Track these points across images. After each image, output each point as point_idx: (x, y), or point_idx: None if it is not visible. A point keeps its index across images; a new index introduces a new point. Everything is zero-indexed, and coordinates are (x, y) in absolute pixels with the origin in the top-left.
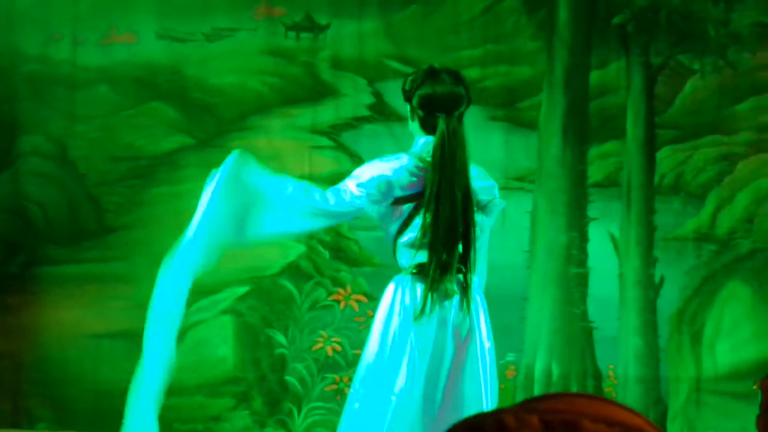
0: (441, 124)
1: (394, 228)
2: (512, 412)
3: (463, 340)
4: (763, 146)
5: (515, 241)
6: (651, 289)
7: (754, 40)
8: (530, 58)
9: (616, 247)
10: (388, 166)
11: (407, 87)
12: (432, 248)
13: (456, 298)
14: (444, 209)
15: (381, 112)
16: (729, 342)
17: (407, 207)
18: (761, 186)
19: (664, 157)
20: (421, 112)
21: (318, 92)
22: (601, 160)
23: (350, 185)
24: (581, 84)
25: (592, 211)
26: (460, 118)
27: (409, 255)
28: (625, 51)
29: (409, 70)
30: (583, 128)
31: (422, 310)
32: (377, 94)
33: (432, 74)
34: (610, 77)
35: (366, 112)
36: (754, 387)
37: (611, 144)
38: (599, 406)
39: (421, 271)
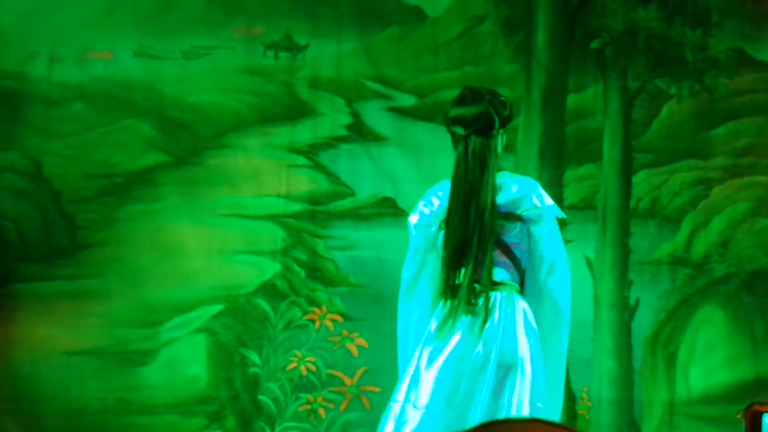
0: (460, 145)
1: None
2: None
3: (479, 364)
4: (739, 171)
5: None
6: (626, 311)
7: (731, 66)
8: (508, 80)
9: (591, 269)
10: (429, 193)
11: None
12: (442, 269)
13: (478, 320)
14: (453, 229)
15: (359, 132)
16: (702, 366)
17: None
18: (736, 211)
19: (641, 180)
20: (449, 133)
21: (296, 111)
22: (578, 182)
23: (411, 218)
24: (558, 107)
25: (567, 233)
26: (484, 137)
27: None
28: (603, 75)
29: (386, 90)
30: (560, 151)
31: (438, 328)
32: (355, 114)
33: (460, 95)
34: (587, 101)
35: (344, 132)
36: (738, 416)
37: (588, 167)
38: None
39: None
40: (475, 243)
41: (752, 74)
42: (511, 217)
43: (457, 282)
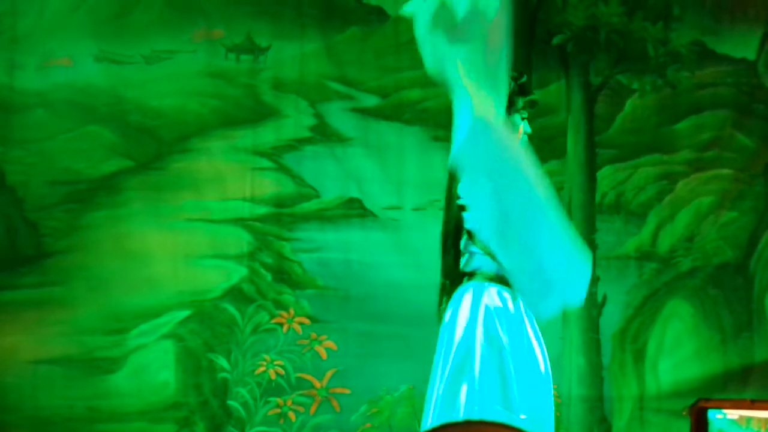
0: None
1: None
2: None
3: (439, 359)
4: (703, 165)
5: None
6: (593, 307)
7: (693, 59)
8: None
9: None
10: None
11: None
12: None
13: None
14: (443, 221)
15: (323, 133)
16: (671, 360)
17: None
18: (701, 204)
19: (605, 176)
20: None
21: (259, 114)
22: None
23: None
24: None
25: None
26: None
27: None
28: (565, 71)
29: (350, 91)
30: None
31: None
32: (319, 116)
33: None
34: (550, 97)
35: (307, 134)
36: (684, 413)
37: (552, 164)
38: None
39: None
40: (452, 233)
41: (714, 67)
42: None
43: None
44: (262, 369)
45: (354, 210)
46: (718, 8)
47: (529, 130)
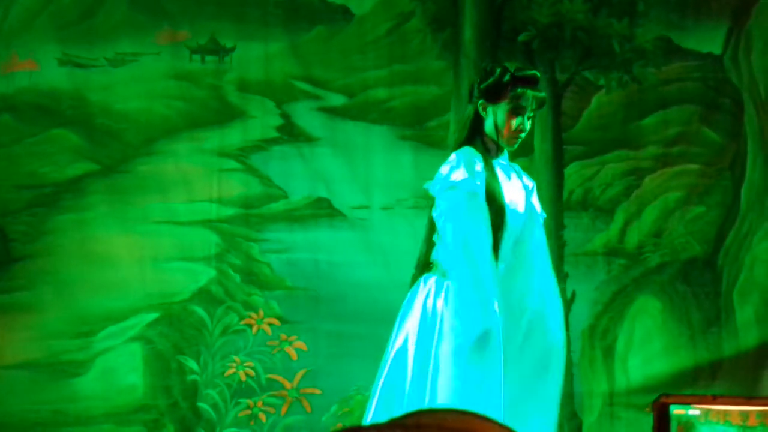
0: None
1: None
2: (378, 429)
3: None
4: (670, 160)
5: None
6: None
7: (659, 55)
8: (437, 77)
9: None
10: None
11: None
12: None
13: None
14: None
15: (290, 133)
16: (640, 356)
17: None
18: (668, 200)
19: (572, 172)
20: None
21: (225, 115)
22: None
23: None
24: None
25: None
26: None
27: None
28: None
29: (316, 91)
30: None
31: None
32: (285, 116)
33: None
34: None
35: (274, 134)
36: (646, 410)
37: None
38: (467, 422)
39: None
40: (429, 222)
41: (679, 63)
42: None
43: None
44: (231, 370)
45: (322, 210)
46: (683, 3)
47: (527, 128)
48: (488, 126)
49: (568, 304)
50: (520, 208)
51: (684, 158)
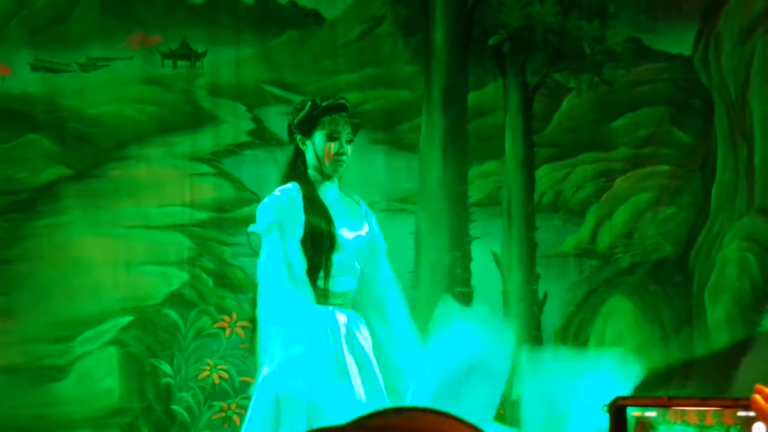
0: None
1: None
2: (343, 429)
3: None
4: (640, 162)
5: (399, 262)
6: (535, 305)
7: (629, 57)
8: (408, 81)
9: (498, 264)
10: None
11: None
12: None
13: None
14: None
15: (262, 137)
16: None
17: None
18: (639, 201)
19: (543, 174)
20: None
21: (197, 119)
22: (482, 179)
23: None
24: (459, 105)
25: (474, 230)
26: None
27: None
28: (502, 71)
29: (288, 95)
30: (463, 149)
31: None
32: (257, 120)
33: None
34: (487, 98)
35: (246, 138)
36: (604, 410)
37: (491, 163)
38: (438, 422)
39: None
40: None
41: (649, 64)
42: None
43: None
44: (205, 373)
45: None
46: (653, 5)
47: (348, 152)
48: (310, 157)
49: (540, 304)
50: (352, 230)
51: (655, 159)
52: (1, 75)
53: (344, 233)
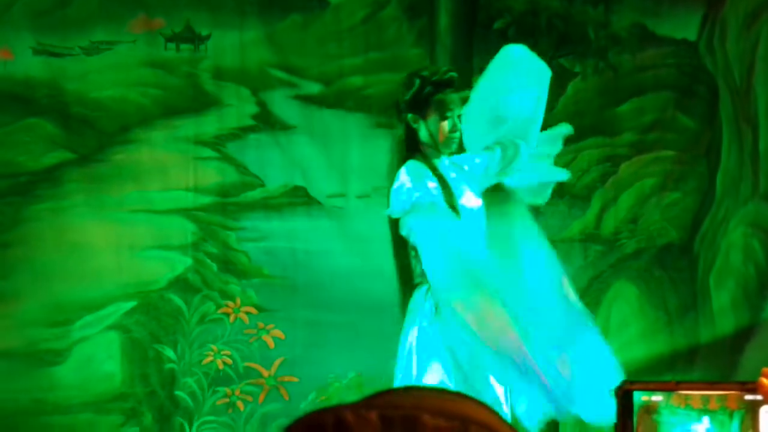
0: None
1: None
2: (352, 409)
3: None
4: (645, 147)
5: None
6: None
7: (634, 42)
8: (413, 65)
9: None
10: None
11: None
12: None
13: None
14: None
15: (266, 121)
16: (617, 342)
17: None
18: (644, 186)
19: None
20: None
21: (201, 103)
22: None
23: None
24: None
25: None
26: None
27: None
28: None
29: (292, 78)
30: None
31: None
32: (261, 104)
33: None
34: None
35: (251, 122)
36: (611, 394)
37: None
38: (443, 401)
39: None
40: None
41: (654, 49)
42: None
43: None
44: (209, 359)
45: (299, 198)
46: None
47: (460, 127)
48: (423, 135)
49: None
50: (475, 200)
51: (660, 145)
52: (4, 59)
53: (466, 202)
